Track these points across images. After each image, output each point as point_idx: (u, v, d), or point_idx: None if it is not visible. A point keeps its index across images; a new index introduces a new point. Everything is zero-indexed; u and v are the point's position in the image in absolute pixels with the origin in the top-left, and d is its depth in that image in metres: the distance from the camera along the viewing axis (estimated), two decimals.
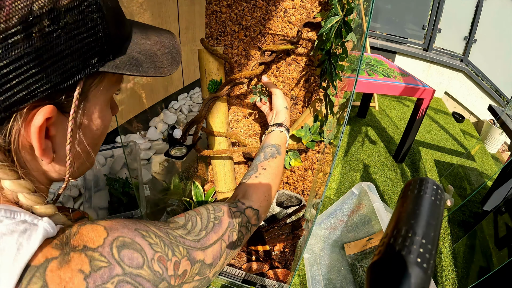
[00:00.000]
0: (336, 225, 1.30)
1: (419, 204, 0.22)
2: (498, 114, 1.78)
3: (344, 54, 0.70)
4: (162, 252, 0.30)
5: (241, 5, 0.84)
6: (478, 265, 1.41)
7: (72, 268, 0.24)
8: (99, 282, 0.24)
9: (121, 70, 0.30)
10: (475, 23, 3.20)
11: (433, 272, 0.25)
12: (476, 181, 2.21)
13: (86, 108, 0.30)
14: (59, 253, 0.24)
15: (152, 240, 0.30)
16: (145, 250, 0.28)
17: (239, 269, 1.09)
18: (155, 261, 0.29)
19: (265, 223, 1.08)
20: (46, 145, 0.28)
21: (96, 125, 0.33)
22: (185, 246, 0.34)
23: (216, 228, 0.41)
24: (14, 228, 0.23)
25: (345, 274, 1.24)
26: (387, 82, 1.95)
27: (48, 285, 0.22)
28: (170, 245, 0.32)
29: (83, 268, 0.24)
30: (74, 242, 0.25)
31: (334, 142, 0.85)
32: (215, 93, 0.86)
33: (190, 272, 0.34)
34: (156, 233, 0.31)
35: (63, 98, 0.27)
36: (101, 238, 0.26)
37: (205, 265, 0.37)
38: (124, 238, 0.28)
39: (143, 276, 0.27)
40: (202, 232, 0.38)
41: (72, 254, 0.24)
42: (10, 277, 0.21)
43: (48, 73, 0.25)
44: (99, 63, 0.28)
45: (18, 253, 0.22)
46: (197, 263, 0.35)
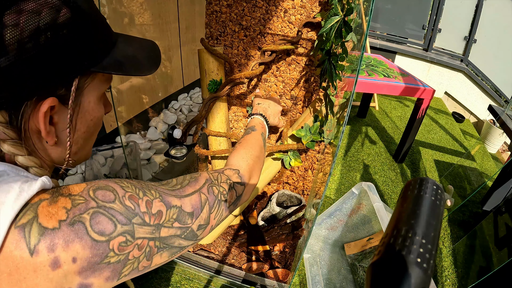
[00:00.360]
0: (336, 225, 1.30)
1: (419, 204, 0.22)
2: (498, 114, 1.78)
3: (344, 54, 0.70)
4: (133, 192, 0.35)
5: (241, 5, 0.84)
6: (478, 265, 1.41)
7: (58, 205, 0.30)
8: (77, 213, 0.30)
9: (108, 70, 0.37)
10: (475, 23, 3.20)
11: (433, 272, 0.25)
12: (476, 181, 2.21)
13: (82, 101, 0.38)
14: (49, 196, 0.30)
15: (123, 184, 0.35)
16: (117, 190, 0.33)
17: (239, 269, 1.09)
18: (126, 198, 0.33)
19: (265, 223, 1.08)
20: (50, 129, 0.35)
21: (90, 115, 0.40)
22: (157, 190, 0.37)
23: (192, 183, 0.43)
24: (18, 178, 0.30)
25: (345, 274, 1.24)
26: (387, 82, 1.95)
27: (38, 216, 0.28)
28: (141, 188, 0.36)
29: (66, 205, 0.30)
30: (62, 191, 0.32)
31: (334, 142, 0.85)
32: (215, 93, 0.86)
33: (167, 215, 0.36)
34: (129, 181, 0.36)
35: (63, 92, 0.35)
36: (82, 188, 0.33)
37: (184, 213, 0.39)
38: (99, 184, 0.34)
39: (116, 209, 0.32)
40: (177, 186, 0.41)
41: (59, 197, 0.31)
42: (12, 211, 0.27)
43: (51, 73, 0.32)
44: (90, 65, 0.36)
45: (20, 194, 0.28)
46: (173, 207, 0.37)
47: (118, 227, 0.31)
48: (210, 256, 1.12)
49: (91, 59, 0.36)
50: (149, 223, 0.34)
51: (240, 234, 1.15)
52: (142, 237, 0.33)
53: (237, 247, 1.14)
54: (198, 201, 0.42)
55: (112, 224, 0.31)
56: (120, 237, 0.31)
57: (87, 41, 0.35)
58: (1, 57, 0.29)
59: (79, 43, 0.34)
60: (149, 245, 0.34)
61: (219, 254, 1.13)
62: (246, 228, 1.14)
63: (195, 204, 0.41)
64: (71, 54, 0.34)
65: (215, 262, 1.11)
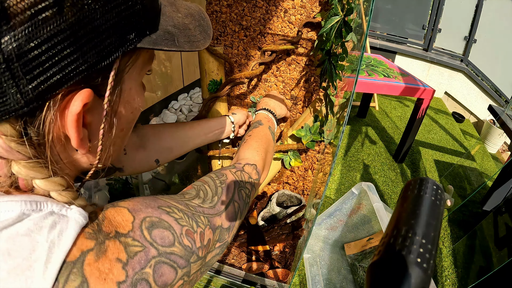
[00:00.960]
0: (336, 225, 1.30)
1: (419, 204, 0.22)
2: (498, 114, 1.78)
3: (344, 54, 0.70)
4: (188, 225, 0.30)
5: (241, 5, 0.84)
6: (478, 265, 1.41)
7: (110, 258, 0.23)
8: (138, 268, 0.24)
9: (159, 46, 0.27)
10: (475, 23, 3.20)
11: (433, 272, 0.25)
12: (476, 181, 2.21)
13: (121, 90, 0.28)
14: (94, 243, 0.23)
15: (176, 215, 0.30)
16: (173, 227, 0.28)
17: (239, 269, 1.09)
18: (184, 236, 0.29)
19: (265, 223, 1.08)
20: (83, 134, 0.26)
21: (131, 107, 0.30)
22: (205, 214, 0.34)
23: (225, 191, 0.41)
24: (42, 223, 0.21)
25: (345, 274, 1.24)
26: (387, 82, 1.95)
27: (87, 280, 0.21)
28: (193, 216, 0.32)
29: (120, 256, 0.23)
30: (105, 229, 0.24)
31: (334, 142, 0.85)
32: (215, 93, 0.86)
33: (213, 240, 0.34)
34: (178, 207, 0.31)
35: (100, 80, 0.24)
36: (129, 223, 0.25)
37: (224, 230, 0.37)
38: (151, 218, 0.27)
39: (176, 253, 0.27)
40: (214, 198, 0.38)
41: (107, 243, 0.23)
42: (45, 282, 0.19)
43: (84, 52, 0.22)
44: (136, 39, 0.26)
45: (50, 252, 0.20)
46: (217, 229, 0.35)
47: (179, 272, 0.27)
48: None
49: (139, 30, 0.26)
50: (201, 257, 0.31)
51: (240, 234, 1.15)
52: (195, 271, 0.30)
53: (237, 247, 1.14)
54: (233, 212, 0.40)
55: (174, 272, 0.27)
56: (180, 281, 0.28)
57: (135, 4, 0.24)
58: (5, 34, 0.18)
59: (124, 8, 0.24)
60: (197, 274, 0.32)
61: None
62: (246, 228, 1.14)
63: (231, 217, 0.39)
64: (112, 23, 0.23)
65: (215, 262, 1.11)
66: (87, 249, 0.22)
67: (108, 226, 0.24)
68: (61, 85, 0.22)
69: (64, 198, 0.25)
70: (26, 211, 0.21)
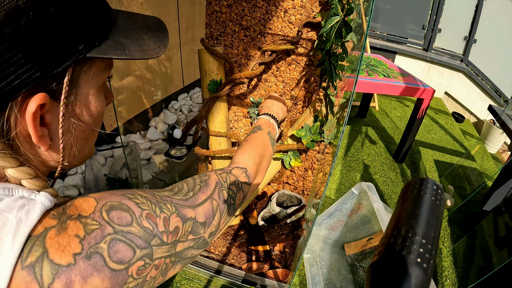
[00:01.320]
0: (336, 225, 1.30)
1: (419, 204, 0.22)
2: (498, 114, 1.78)
3: (344, 54, 0.70)
4: (149, 209, 0.31)
5: (241, 5, 0.84)
6: (478, 265, 1.41)
7: (69, 234, 0.26)
8: (93, 243, 0.26)
9: (108, 55, 0.31)
10: (475, 23, 3.20)
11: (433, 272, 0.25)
12: (476, 181, 2.21)
13: (78, 94, 0.32)
14: (56, 222, 0.26)
15: (138, 200, 0.32)
16: (133, 209, 0.30)
17: (239, 269, 1.09)
18: (144, 218, 0.30)
19: (265, 223, 1.08)
20: (42, 132, 0.29)
21: (90, 111, 0.34)
22: (173, 203, 0.35)
23: (204, 189, 0.42)
24: (12, 205, 0.25)
25: (345, 274, 1.24)
26: (387, 82, 1.95)
27: (48, 251, 0.24)
28: (157, 203, 0.33)
29: (79, 233, 0.26)
30: (69, 212, 0.28)
31: (334, 142, 0.85)
32: (215, 93, 0.86)
33: (183, 229, 0.34)
34: (142, 194, 0.33)
35: (54, 85, 0.29)
36: (92, 207, 0.28)
37: (198, 224, 0.37)
38: (112, 202, 0.30)
39: (134, 233, 0.29)
40: (189, 193, 0.39)
41: (68, 222, 0.27)
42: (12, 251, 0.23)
43: (37, 62, 0.26)
44: (85, 49, 0.29)
45: (18, 228, 0.24)
46: (188, 220, 0.35)
47: (137, 252, 0.29)
48: (210, 256, 1.12)
49: (87, 42, 0.29)
50: (167, 242, 0.32)
51: (240, 234, 1.15)
52: (160, 257, 0.31)
53: (237, 247, 1.14)
54: (210, 209, 0.40)
55: (131, 251, 0.28)
56: (139, 262, 0.29)
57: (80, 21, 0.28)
58: None
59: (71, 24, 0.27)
60: (165, 262, 0.32)
61: (219, 254, 1.13)
62: (246, 228, 1.14)
63: (208, 212, 0.39)
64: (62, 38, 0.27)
65: (215, 262, 1.11)
66: (50, 226, 0.26)
67: (72, 210, 0.28)
68: (19, 89, 0.26)
69: (33, 186, 0.29)
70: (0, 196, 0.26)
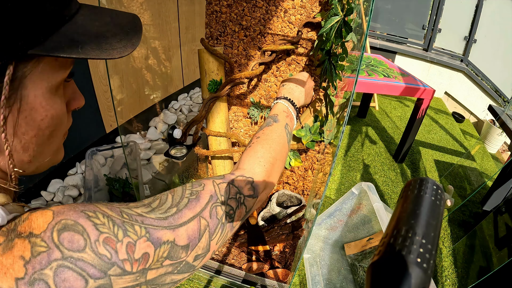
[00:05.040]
0: (336, 225, 1.30)
1: (419, 204, 0.22)
2: (498, 114, 1.78)
3: (344, 54, 0.70)
4: (109, 232, 0.27)
5: (241, 5, 0.84)
6: (478, 265, 1.41)
7: (14, 254, 0.24)
8: (38, 268, 0.24)
9: (55, 53, 0.27)
10: (475, 23, 3.20)
11: (433, 272, 0.25)
12: (476, 181, 2.21)
13: (24, 95, 0.28)
14: (3, 239, 0.24)
15: (98, 220, 0.27)
16: (88, 231, 0.26)
17: (239, 269, 1.09)
18: (100, 243, 0.26)
19: (265, 223, 1.08)
20: None
21: (40, 114, 0.29)
22: (143, 224, 0.30)
23: (192, 204, 0.35)
24: None
25: (345, 274, 1.24)
26: (387, 82, 1.95)
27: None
28: (122, 224, 0.28)
29: (24, 254, 0.24)
30: (20, 229, 0.25)
31: (334, 142, 0.85)
32: (215, 93, 0.86)
33: (155, 255, 0.30)
34: (106, 212, 0.29)
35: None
36: (46, 224, 0.25)
37: (177, 247, 0.32)
38: (67, 220, 0.26)
39: (86, 260, 0.25)
40: (171, 209, 0.33)
41: (16, 241, 0.24)
42: None
43: None
44: (26, 46, 0.26)
45: None
46: (163, 244, 0.30)
47: (90, 283, 0.25)
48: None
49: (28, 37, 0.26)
50: (130, 272, 0.28)
51: (240, 234, 1.15)
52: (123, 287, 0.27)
53: (237, 247, 1.14)
54: (196, 229, 0.34)
55: (82, 280, 0.25)
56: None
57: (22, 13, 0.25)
58: None
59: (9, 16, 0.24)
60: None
61: (219, 254, 1.13)
62: (246, 228, 1.14)
63: (192, 234, 0.33)
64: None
65: (215, 262, 1.11)
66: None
67: (24, 227, 0.25)
68: None
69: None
70: None
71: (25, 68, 0.27)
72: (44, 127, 0.30)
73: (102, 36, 0.31)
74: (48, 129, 0.31)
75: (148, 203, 0.34)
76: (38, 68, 0.28)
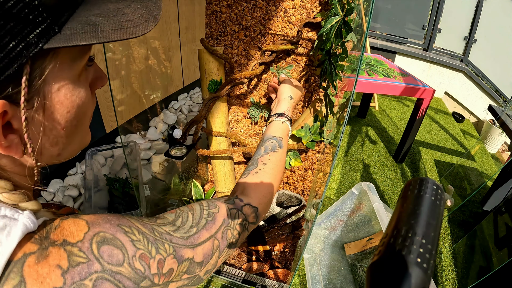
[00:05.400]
0: (336, 225, 1.30)
1: (419, 204, 0.22)
2: (498, 114, 1.78)
3: (344, 54, 0.70)
4: (144, 249, 0.29)
5: (241, 5, 0.84)
6: (478, 265, 1.41)
7: (50, 263, 0.23)
8: (77, 279, 0.24)
9: (73, 42, 0.24)
10: (475, 23, 3.20)
11: (433, 272, 0.25)
12: (476, 181, 2.21)
13: (46, 91, 0.26)
14: (37, 247, 0.24)
15: (134, 236, 0.29)
16: (126, 247, 0.28)
17: (239, 269, 1.09)
18: (137, 258, 0.28)
19: (265, 223, 1.08)
20: (10, 142, 0.25)
21: (66, 106, 0.28)
22: (172, 243, 0.33)
23: (209, 225, 0.39)
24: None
25: (345, 274, 1.24)
26: (387, 82, 1.95)
27: (25, 281, 0.22)
28: (154, 242, 0.31)
29: (61, 263, 0.24)
30: (53, 236, 0.25)
31: (334, 142, 0.85)
32: (215, 93, 0.86)
33: (177, 270, 0.33)
34: (140, 229, 0.31)
35: (11, 89, 0.23)
36: (82, 233, 0.26)
37: (195, 263, 0.36)
38: (105, 233, 0.27)
39: (123, 274, 0.27)
40: (192, 229, 0.37)
41: (50, 249, 0.24)
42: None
43: None
44: (41, 41, 0.23)
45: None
46: (185, 261, 0.34)
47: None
48: None
49: (42, 30, 0.23)
50: (157, 284, 0.30)
51: None
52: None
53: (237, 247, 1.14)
54: (210, 249, 0.38)
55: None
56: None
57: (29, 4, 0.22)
58: None
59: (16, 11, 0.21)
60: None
61: None
62: None
63: (207, 252, 0.38)
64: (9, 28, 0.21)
65: None
66: (30, 251, 0.23)
67: (57, 234, 0.25)
68: None
69: (9, 200, 0.25)
70: None
71: (43, 64, 0.25)
72: (71, 118, 0.29)
73: (121, 13, 0.27)
74: (75, 119, 0.30)
75: (172, 220, 0.36)
76: (57, 61, 0.26)
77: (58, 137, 0.29)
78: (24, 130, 0.25)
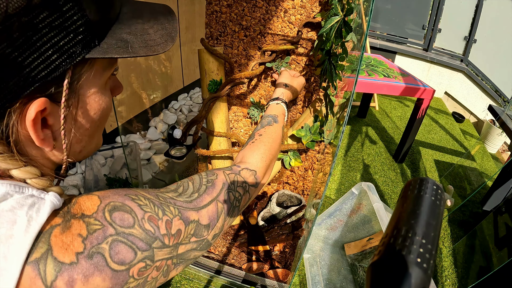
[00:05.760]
0: (336, 225, 1.30)
1: (419, 204, 0.22)
2: (498, 114, 1.78)
3: (344, 54, 0.70)
4: (152, 212, 0.32)
5: (241, 5, 0.84)
6: (478, 265, 1.41)
7: (73, 232, 0.27)
8: (95, 243, 0.27)
9: (109, 54, 0.30)
10: (475, 23, 3.20)
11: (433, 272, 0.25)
12: (476, 181, 2.21)
13: (81, 94, 0.31)
14: (61, 220, 0.27)
15: (141, 202, 0.32)
16: (135, 211, 0.31)
17: (239, 269, 1.09)
18: (146, 220, 0.31)
19: (265, 223, 1.08)
20: (45, 135, 0.29)
21: (94, 109, 0.33)
22: (176, 206, 0.35)
23: (209, 190, 0.41)
24: (23, 202, 0.26)
25: (345, 274, 1.24)
26: (387, 82, 1.95)
27: (52, 248, 0.26)
28: (160, 205, 0.33)
29: (81, 232, 0.27)
30: (73, 211, 0.28)
31: (334, 142, 0.85)
32: (215, 93, 0.86)
33: (185, 232, 0.35)
34: (145, 195, 0.33)
35: (53, 89, 0.28)
36: (95, 206, 0.29)
37: (201, 226, 0.37)
38: (115, 202, 0.30)
39: (135, 235, 0.29)
40: (194, 194, 0.39)
41: (72, 221, 0.27)
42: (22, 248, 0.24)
43: (34, 68, 0.25)
44: (84, 51, 0.28)
45: (29, 225, 0.25)
46: (191, 223, 0.36)
47: (139, 254, 0.29)
48: (210, 256, 1.12)
49: (85, 43, 0.28)
50: (168, 245, 0.32)
51: (240, 234, 1.15)
52: (161, 258, 0.32)
53: (237, 247, 1.14)
54: (215, 211, 0.40)
55: (132, 252, 0.29)
56: (140, 263, 0.30)
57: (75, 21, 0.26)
58: None
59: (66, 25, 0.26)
60: (167, 264, 0.33)
61: (219, 254, 1.13)
62: (246, 228, 1.14)
63: (212, 215, 0.39)
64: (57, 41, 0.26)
65: (215, 262, 1.11)
66: (56, 224, 0.27)
67: (76, 209, 0.29)
68: (16, 97, 0.26)
69: (38, 185, 0.29)
70: (10, 192, 0.26)
71: (82, 70, 0.30)
72: (96, 119, 0.34)
73: (146, 33, 0.33)
74: (99, 120, 0.35)
75: (174, 189, 0.39)
76: (93, 69, 0.31)
77: (83, 135, 0.34)
78: (62, 127, 0.30)
